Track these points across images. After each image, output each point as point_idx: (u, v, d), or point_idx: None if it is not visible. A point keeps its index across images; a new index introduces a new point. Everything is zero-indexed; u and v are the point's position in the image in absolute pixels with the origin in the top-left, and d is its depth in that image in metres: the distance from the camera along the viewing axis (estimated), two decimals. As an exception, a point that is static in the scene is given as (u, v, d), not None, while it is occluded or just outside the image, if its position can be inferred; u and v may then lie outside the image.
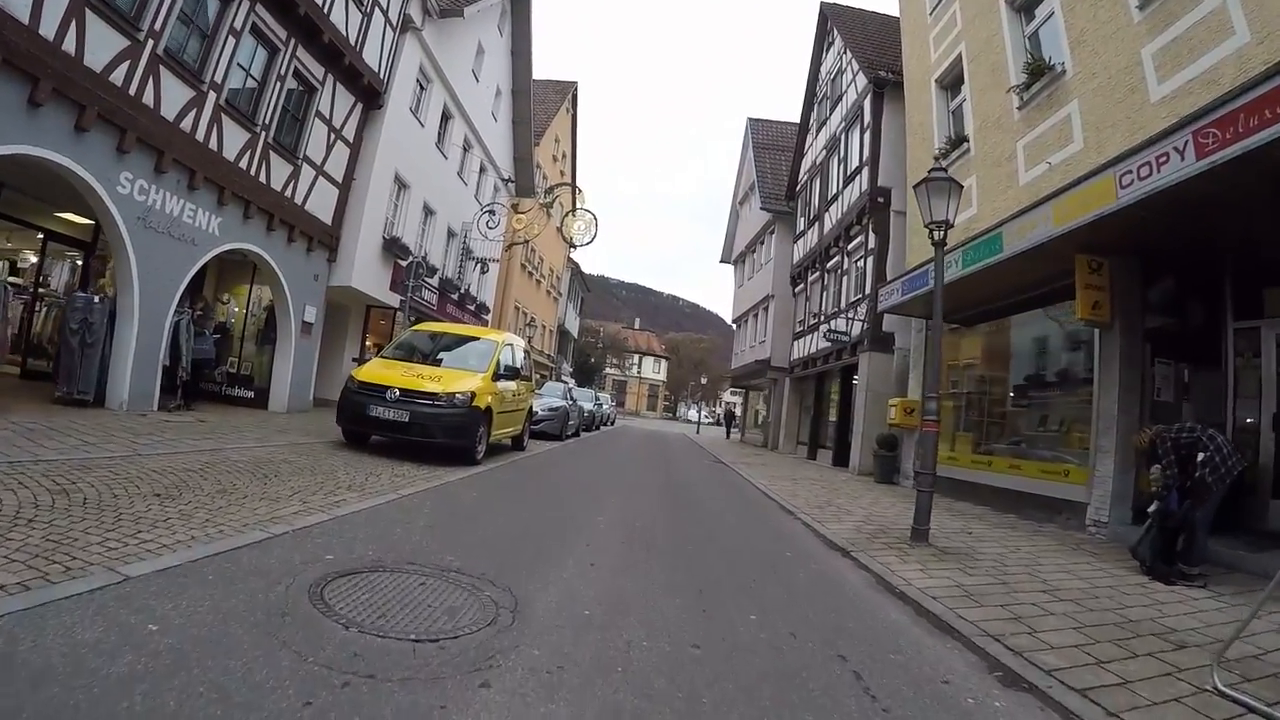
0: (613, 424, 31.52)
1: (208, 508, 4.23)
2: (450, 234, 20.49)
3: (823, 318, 17.34)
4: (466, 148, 21.08)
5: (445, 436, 8.02)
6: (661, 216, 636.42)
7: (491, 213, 20.71)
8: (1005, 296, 9.57)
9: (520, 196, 23.73)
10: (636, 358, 78.85)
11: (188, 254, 9.65)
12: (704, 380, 55.90)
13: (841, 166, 16.64)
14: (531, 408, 11.99)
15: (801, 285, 20.10)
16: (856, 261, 15.52)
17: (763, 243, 25.92)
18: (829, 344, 15.38)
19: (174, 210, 9.20)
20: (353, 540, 3.97)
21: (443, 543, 4.24)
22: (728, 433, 34.61)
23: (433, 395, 7.97)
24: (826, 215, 17.70)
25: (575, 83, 33.75)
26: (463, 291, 20.93)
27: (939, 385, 6.95)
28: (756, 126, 28.17)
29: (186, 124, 9.14)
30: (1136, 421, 7.15)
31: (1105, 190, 6.37)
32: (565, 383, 23.20)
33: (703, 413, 50.61)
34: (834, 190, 17.15)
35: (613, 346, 70.99)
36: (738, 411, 38.85)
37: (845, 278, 15.93)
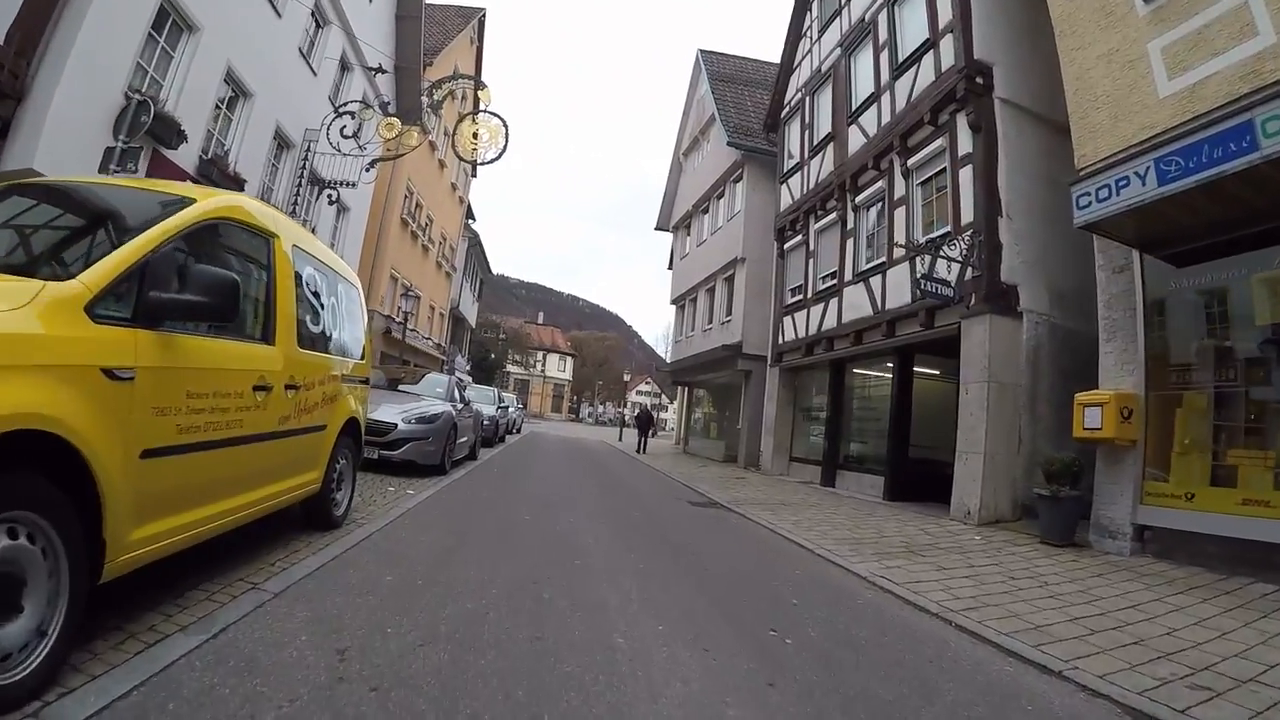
0: (519, 431, 25.33)
1: None
2: (283, 142, 13.41)
3: (853, 276, 11.93)
4: (321, 21, 14.07)
5: None
6: (558, 216, 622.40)
7: (351, 115, 13.85)
8: None
9: (405, 123, 16.44)
10: (541, 355, 71.74)
11: None
12: (628, 377, 49.98)
13: (886, 54, 11.30)
14: (357, 419, 4.97)
15: (799, 237, 14.55)
16: (921, 182, 10.21)
17: (722, 195, 20.29)
18: (916, 299, 9.55)
19: None
20: None
21: None
22: (641, 443, 22.24)
23: None
24: (850, 130, 12.32)
25: (483, 9, 27.22)
26: (304, 232, 13.90)
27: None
28: (711, 59, 22.61)
29: None
30: None
31: None
32: (457, 376, 16.53)
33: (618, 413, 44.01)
34: (869, 90, 11.79)
35: (515, 342, 63.64)
36: (653, 410, 30.71)
37: (902, 208, 10.56)
